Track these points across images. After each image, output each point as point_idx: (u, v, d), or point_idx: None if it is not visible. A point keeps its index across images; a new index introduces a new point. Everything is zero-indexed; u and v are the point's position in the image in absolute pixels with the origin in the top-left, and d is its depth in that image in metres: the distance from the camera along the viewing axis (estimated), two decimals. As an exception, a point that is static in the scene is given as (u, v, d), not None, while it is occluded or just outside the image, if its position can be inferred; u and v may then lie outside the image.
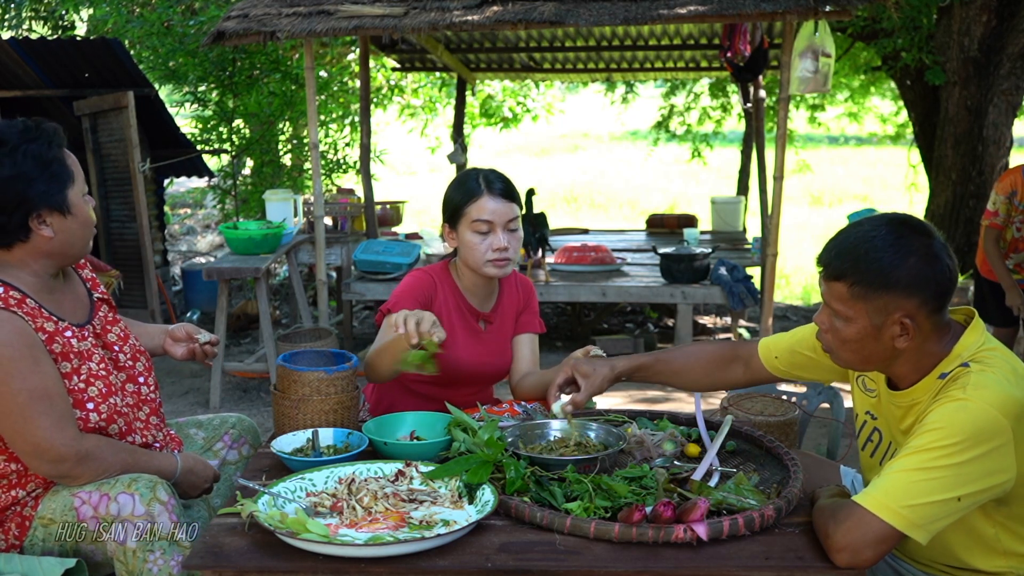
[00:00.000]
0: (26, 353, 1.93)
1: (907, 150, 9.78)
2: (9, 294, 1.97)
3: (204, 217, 12.99)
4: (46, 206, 2.01)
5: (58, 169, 2.03)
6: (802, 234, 12.93)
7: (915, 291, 1.73)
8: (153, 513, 1.92)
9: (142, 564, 1.91)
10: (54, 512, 1.99)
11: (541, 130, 16.38)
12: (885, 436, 1.94)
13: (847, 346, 1.82)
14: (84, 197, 2.09)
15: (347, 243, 6.72)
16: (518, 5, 5.61)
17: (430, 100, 12.45)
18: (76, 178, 2.07)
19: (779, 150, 5.81)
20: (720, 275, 6.03)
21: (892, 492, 1.64)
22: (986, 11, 6.44)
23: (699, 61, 8.92)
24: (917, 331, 1.76)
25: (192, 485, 2.19)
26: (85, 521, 1.95)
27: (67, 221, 2.04)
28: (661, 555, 1.63)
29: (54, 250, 2.05)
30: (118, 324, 2.26)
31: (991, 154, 6.75)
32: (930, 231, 1.77)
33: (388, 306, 2.49)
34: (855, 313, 1.77)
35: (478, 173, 2.55)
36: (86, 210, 2.09)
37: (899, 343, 1.77)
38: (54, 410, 1.94)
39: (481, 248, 2.48)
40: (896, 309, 1.74)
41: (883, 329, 1.76)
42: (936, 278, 1.74)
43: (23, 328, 1.95)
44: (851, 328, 1.79)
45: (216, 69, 7.75)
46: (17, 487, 2.03)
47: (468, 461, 1.88)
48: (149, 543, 1.92)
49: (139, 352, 2.27)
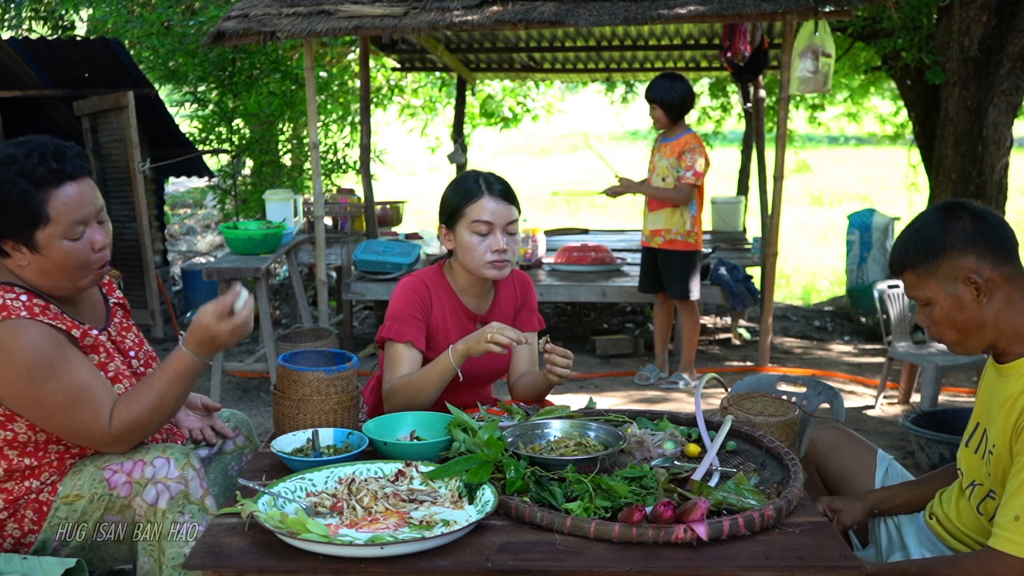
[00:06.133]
0: (56, 354, 1.96)
1: (907, 150, 9.77)
2: (33, 302, 1.99)
3: (204, 217, 12.99)
4: (10, 238, 1.98)
5: (28, 208, 1.94)
6: (802, 234, 12.93)
7: (969, 247, 1.81)
8: (187, 477, 1.99)
9: (171, 525, 1.95)
10: (81, 488, 2.02)
11: (541, 130, 16.36)
12: (981, 423, 1.95)
13: (943, 326, 1.89)
14: (67, 242, 1.98)
15: (347, 243, 6.72)
16: (518, 5, 5.61)
17: (430, 100, 12.44)
18: (56, 221, 1.96)
19: (779, 150, 5.81)
20: (720, 275, 6.03)
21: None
22: (986, 11, 6.44)
23: (699, 61, 8.92)
24: (992, 287, 1.82)
25: (216, 341, 2.05)
26: (116, 488, 1.99)
27: (37, 258, 1.99)
28: (661, 555, 1.63)
29: (36, 276, 2.02)
30: (132, 330, 2.28)
31: (991, 154, 6.74)
32: (973, 203, 1.87)
33: (390, 332, 2.48)
34: (931, 292, 1.86)
35: (477, 175, 2.54)
36: (63, 253, 1.98)
37: (983, 305, 1.82)
38: (91, 400, 1.97)
39: (480, 249, 2.47)
40: (959, 270, 1.82)
41: (960, 296, 1.83)
42: (985, 232, 1.82)
43: (49, 332, 1.97)
44: (937, 309, 1.86)
45: (216, 69, 7.75)
46: (31, 478, 2.05)
47: (468, 461, 1.88)
48: (181, 505, 1.97)
49: (151, 358, 2.29)
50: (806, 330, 7.39)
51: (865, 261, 7.18)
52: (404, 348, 2.47)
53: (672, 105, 5.21)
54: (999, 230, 1.83)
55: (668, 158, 5.27)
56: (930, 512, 2.09)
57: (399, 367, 2.45)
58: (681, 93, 5.21)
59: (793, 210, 14.08)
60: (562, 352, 2.38)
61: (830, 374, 5.88)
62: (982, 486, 1.89)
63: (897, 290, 5.14)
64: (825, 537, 1.70)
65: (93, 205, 2.03)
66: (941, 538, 2.03)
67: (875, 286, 5.18)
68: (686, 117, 5.34)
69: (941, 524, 2.03)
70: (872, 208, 7.60)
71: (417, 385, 2.38)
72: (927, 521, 2.09)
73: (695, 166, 5.17)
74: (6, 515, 2.03)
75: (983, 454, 1.89)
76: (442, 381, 2.38)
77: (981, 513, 1.90)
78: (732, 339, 6.91)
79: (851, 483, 2.33)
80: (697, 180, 5.19)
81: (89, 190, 2.03)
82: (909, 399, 5.26)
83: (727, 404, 2.48)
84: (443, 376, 2.37)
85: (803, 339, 7.06)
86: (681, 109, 5.25)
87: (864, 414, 5.09)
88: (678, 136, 5.27)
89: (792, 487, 1.83)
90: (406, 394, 2.39)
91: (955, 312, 1.84)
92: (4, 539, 2.04)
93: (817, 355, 6.52)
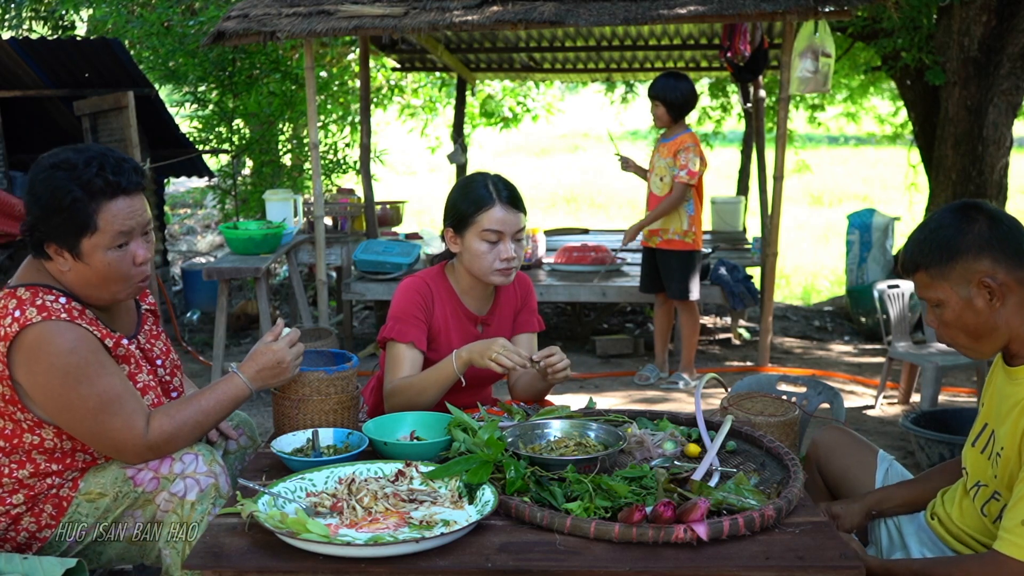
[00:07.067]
0: (92, 359, 1.97)
1: (907, 150, 9.77)
2: (72, 305, 2.00)
3: (204, 217, 12.98)
4: (54, 242, 2.00)
5: (78, 216, 1.96)
6: (802, 234, 12.93)
7: (984, 251, 1.80)
8: (215, 472, 2.02)
9: (200, 516, 1.97)
10: (104, 486, 2.03)
11: (541, 130, 16.37)
12: (990, 423, 1.94)
13: (953, 329, 1.88)
14: (110, 253, 1.99)
15: (347, 243, 6.72)
16: (518, 5, 5.61)
17: (430, 100, 12.44)
18: (103, 231, 1.97)
19: (779, 150, 5.81)
20: (720, 275, 6.04)
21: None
22: (986, 11, 6.44)
23: (699, 61, 8.92)
24: (1006, 291, 1.81)
25: (274, 375, 2.15)
26: (142, 484, 2.01)
27: (79, 265, 2.01)
28: (661, 555, 1.63)
29: (75, 283, 2.03)
30: (160, 338, 2.30)
31: (991, 154, 6.74)
32: (989, 204, 1.86)
33: (392, 332, 2.48)
34: (943, 294, 1.85)
35: (486, 179, 2.52)
36: (105, 263, 2.00)
37: (996, 309, 1.82)
38: (124, 409, 1.98)
39: (489, 258, 2.47)
40: (973, 273, 1.81)
41: (973, 299, 1.82)
42: (1001, 235, 1.81)
43: (87, 336, 1.98)
44: (948, 310, 1.85)
45: (216, 69, 7.75)
46: (54, 475, 2.06)
47: (468, 461, 1.88)
48: (213, 499, 1.99)
49: (176, 367, 2.31)
50: (806, 330, 7.39)
51: (865, 261, 7.18)
52: (406, 348, 2.47)
53: (674, 104, 5.22)
54: (1015, 233, 1.82)
55: (666, 158, 5.27)
56: (931, 512, 2.09)
57: (401, 368, 2.46)
58: (684, 92, 5.22)
59: (793, 210, 14.08)
60: (549, 352, 2.37)
61: (830, 374, 5.88)
62: (987, 487, 1.89)
63: (897, 290, 5.14)
64: (825, 537, 1.70)
65: (141, 219, 2.04)
66: (942, 538, 2.03)
67: (875, 286, 5.18)
68: (687, 117, 5.34)
69: (943, 524, 2.03)
70: (872, 208, 7.60)
71: (419, 387, 2.39)
72: (928, 521, 2.09)
73: (689, 165, 5.17)
74: (24, 509, 2.04)
75: (990, 455, 1.89)
76: (444, 385, 2.38)
77: (985, 514, 1.90)
78: (732, 339, 6.91)
79: (852, 483, 2.33)
80: (691, 179, 5.19)
81: (140, 204, 2.04)
82: (909, 399, 5.26)
83: (727, 404, 2.48)
84: (445, 381, 2.37)
85: (803, 339, 7.06)
86: (683, 108, 5.25)
87: (864, 414, 5.09)
88: (676, 136, 5.27)
89: (792, 487, 1.83)
90: (407, 396, 2.39)
91: (967, 315, 1.84)
92: (19, 533, 2.04)
93: (817, 355, 6.52)
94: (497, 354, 2.28)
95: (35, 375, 1.95)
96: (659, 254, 5.42)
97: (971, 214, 1.84)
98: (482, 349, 2.31)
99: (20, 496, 2.03)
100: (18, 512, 2.03)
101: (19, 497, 2.03)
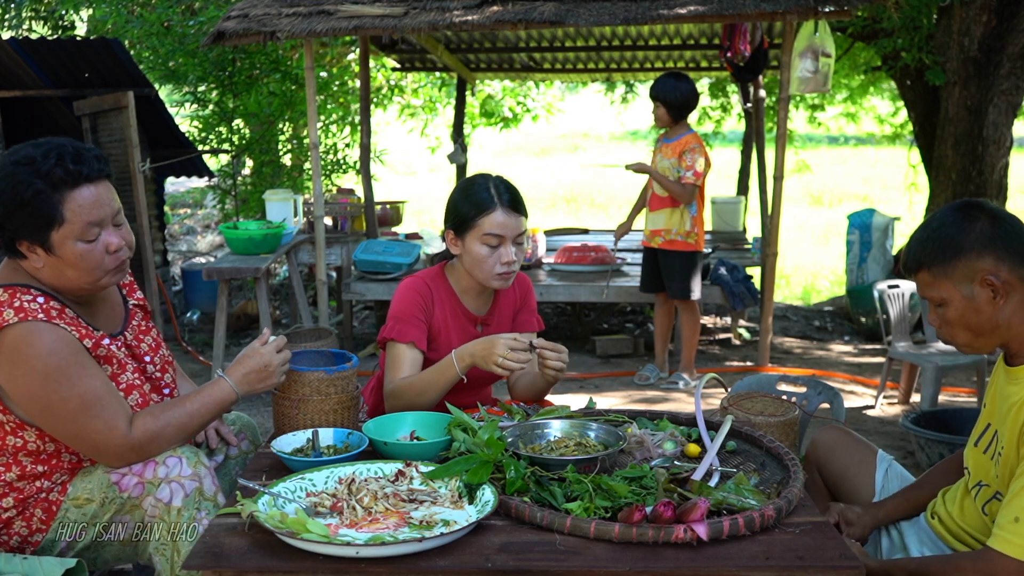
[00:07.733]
0: (72, 360, 1.94)
1: (907, 150, 9.77)
2: (50, 304, 1.98)
3: (204, 217, 12.99)
4: (25, 239, 1.97)
5: (43, 209, 1.93)
6: (802, 234, 12.93)
7: (987, 249, 1.81)
8: (200, 475, 1.99)
9: (188, 522, 1.95)
10: (91, 491, 2.02)
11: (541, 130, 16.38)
12: (992, 424, 1.95)
13: (956, 328, 1.88)
14: (81, 244, 1.97)
15: (347, 243, 6.72)
16: (518, 5, 5.61)
17: (430, 100, 12.45)
18: (71, 222, 1.95)
19: (779, 150, 5.82)
20: (720, 275, 6.04)
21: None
22: (986, 11, 6.44)
23: (699, 61, 8.92)
24: (1009, 289, 1.81)
25: (260, 379, 2.13)
26: (127, 490, 1.99)
27: (52, 259, 1.98)
28: (661, 555, 1.63)
29: (52, 277, 2.01)
30: (150, 333, 2.27)
31: (991, 154, 6.74)
32: (990, 203, 1.87)
33: (392, 332, 2.48)
34: (946, 293, 1.85)
35: (487, 181, 2.51)
36: (76, 254, 1.97)
37: (999, 307, 1.82)
38: (105, 411, 1.96)
39: (490, 262, 2.46)
40: (976, 272, 1.81)
41: (976, 297, 1.83)
42: (1003, 233, 1.82)
43: (67, 337, 1.96)
44: (950, 309, 1.86)
45: (216, 69, 7.75)
46: (43, 478, 2.05)
47: (468, 461, 1.88)
48: (197, 502, 1.97)
49: (168, 363, 2.28)
50: (806, 330, 7.39)
51: (865, 261, 7.18)
52: (406, 348, 2.47)
53: (675, 104, 5.22)
54: (1017, 231, 1.83)
55: (669, 158, 5.28)
56: (932, 512, 2.09)
57: (401, 368, 2.46)
58: (685, 93, 5.22)
59: (793, 210, 14.08)
60: (551, 346, 2.37)
61: (830, 374, 5.88)
62: (989, 487, 1.89)
63: (897, 290, 5.14)
64: (825, 537, 1.70)
65: (109, 207, 2.02)
66: (942, 538, 2.03)
67: (875, 286, 5.18)
68: (688, 117, 5.34)
69: (943, 523, 2.03)
70: (872, 208, 7.60)
71: (420, 388, 2.39)
72: (929, 520, 2.09)
73: (695, 166, 5.17)
74: (14, 513, 2.03)
75: (992, 455, 1.89)
76: (445, 386, 2.38)
77: (986, 514, 1.90)
78: (732, 339, 6.91)
79: (851, 483, 2.33)
80: (697, 180, 5.19)
81: (106, 192, 2.02)
82: (909, 399, 5.26)
83: (727, 404, 2.48)
84: (447, 382, 2.37)
85: (803, 339, 7.06)
86: (684, 108, 5.26)
87: (864, 414, 5.09)
88: (679, 136, 5.27)
89: (792, 487, 1.83)
90: (408, 396, 2.39)
91: (970, 313, 1.84)
92: (11, 537, 2.04)
93: (817, 355, 6.52)
94: (503, 359, 2.26)
95: (15, 378, 1.93)
96: (661, 254, 5.42)
97: (973, 213, 1.85)
98: (486, 353, 2.29)
99: (10, 499, 2.02)
100: (9, 516, 2.03)
101: (9, 500, 2.02)
